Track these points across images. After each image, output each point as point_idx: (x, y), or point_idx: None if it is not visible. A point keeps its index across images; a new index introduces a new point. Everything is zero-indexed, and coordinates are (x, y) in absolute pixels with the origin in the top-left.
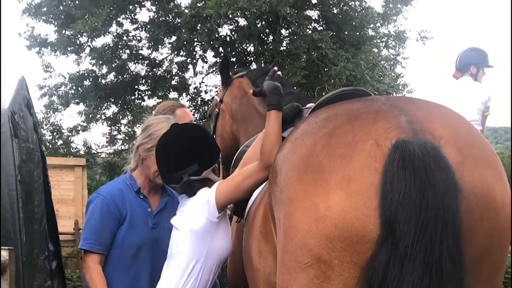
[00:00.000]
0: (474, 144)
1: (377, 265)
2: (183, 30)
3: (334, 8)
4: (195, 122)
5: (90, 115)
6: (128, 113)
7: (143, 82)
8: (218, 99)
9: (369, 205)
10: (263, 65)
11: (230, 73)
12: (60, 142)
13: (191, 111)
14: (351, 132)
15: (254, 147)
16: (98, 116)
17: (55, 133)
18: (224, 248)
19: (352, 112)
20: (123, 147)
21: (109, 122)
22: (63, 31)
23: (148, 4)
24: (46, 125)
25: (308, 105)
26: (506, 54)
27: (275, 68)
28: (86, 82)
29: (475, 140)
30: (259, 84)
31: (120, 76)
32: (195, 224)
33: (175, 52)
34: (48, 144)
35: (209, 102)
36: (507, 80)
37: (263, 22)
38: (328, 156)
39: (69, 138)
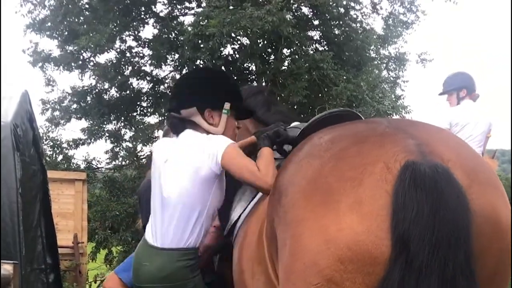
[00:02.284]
0: (479, 168)
1: (392, 282)
2: (186, 48)
3: (336, 29)
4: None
5: (94, 132)
6: (129, 129)
7: (145, 98)
8: None
9: (382, 227)
10: (264, 83)
11: None
12: (60, 157)
13: None
14: (359, 154)
15: None
16: (101, 132)
17: (55, 148)
18: (222, 195)
19: (357, 134)
20: (124, 163)
21: (112, 139)
22: (66, 47)
23: (151, 21)
24: (46, 140)
25: (293, 124)
26: (506, 57)
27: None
28: (89, 98)
29: (479, 164)
30: (250, 103)
31: (122, 92)
32: (201, 170)
33: (178, 70)
34: (48, 159)
35: None
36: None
37: (265, 42)
38: (337, 179)
39: (68, 152)
